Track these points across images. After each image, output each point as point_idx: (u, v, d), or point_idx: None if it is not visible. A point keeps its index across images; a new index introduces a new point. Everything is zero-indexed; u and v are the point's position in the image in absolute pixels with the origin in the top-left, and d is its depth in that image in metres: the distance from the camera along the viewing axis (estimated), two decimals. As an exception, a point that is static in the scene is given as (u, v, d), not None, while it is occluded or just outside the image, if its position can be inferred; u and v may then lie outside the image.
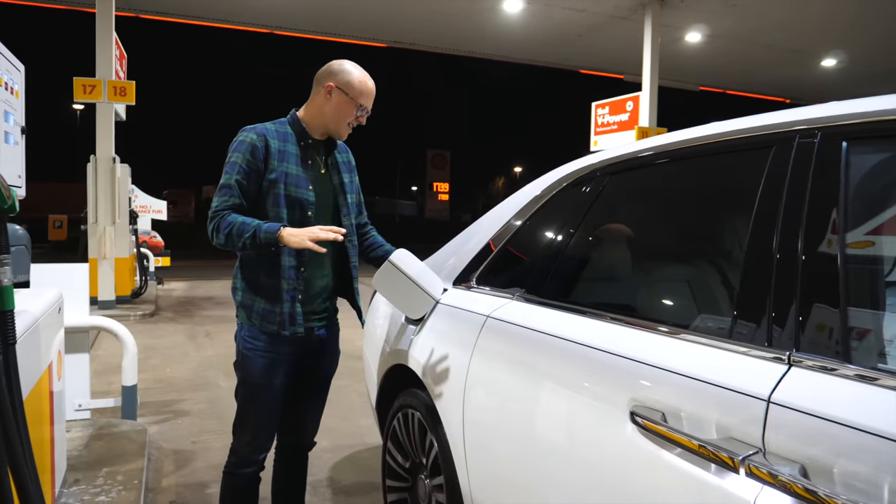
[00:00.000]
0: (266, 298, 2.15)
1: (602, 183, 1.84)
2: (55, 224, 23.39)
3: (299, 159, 2.18)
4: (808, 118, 1.27)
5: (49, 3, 12.70)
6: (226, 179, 2.10)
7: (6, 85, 1.88)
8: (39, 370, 2.26)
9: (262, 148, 2.11)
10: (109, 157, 9.12)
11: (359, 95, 2.18)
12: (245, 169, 2.09)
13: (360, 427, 4.24)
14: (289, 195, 2.13)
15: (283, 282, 2.12)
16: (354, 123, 2.23)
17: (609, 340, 1.46)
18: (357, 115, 2.20)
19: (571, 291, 1.83)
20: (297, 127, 2.21)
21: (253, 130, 2.14)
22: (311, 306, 2.21)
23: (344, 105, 2.17)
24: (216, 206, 2.09)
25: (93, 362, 5.90)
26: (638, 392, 1.29)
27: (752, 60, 16.53)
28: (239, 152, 2.11)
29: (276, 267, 2.12)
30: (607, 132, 13.63)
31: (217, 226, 2.06)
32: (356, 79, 2.19)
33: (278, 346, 2.18)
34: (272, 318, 2.14)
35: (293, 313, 2.15)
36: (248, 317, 2.18)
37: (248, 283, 2.18)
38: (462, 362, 1.96)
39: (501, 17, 13.62)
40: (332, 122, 2.20)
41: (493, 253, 2.24)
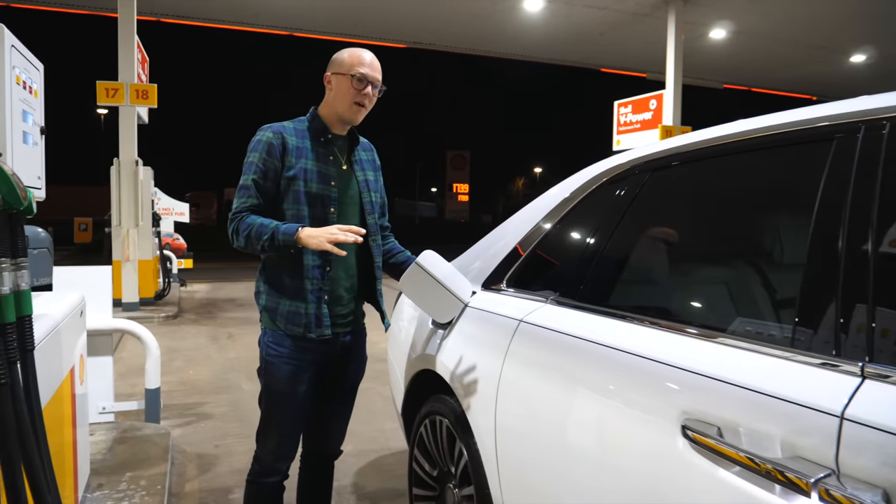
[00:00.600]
0: (291, 300, 2.08)
1: (642, 180, 1.75)
2: (81, 227, 23.77)
3: (320, 155, 2.12)
4: (875, 108, 1.17)
5: (71, 9, 12.84)
6: (244, 180, 2.05)
7: (24, 84, 1.84)
8: (61, 375, 2.23)
9: (279, 145, 2.05)
10: (132, 160, 9.17)
11: (351, 67, 2.08)
12: (262, 168, 2.04)
13: (385, 431, 4.17)
14: (309, 192, 2.06)
15: (308, 282, 2.06)
16: (363, 101, 2.10)
17: (656, 348, 1.37)
18: (358, 88, 2.08)
19: (610, 295, 1.74)
20: (317, 123, 2.15)
21: (269, 129, 2.10)
22: (336, 309, 2.14)
23: (342, 85, 2.09)
24: (235, 207, 2.04)
25: (117, 364, 5.92)
26: (690, 404, 1.20)
27: (776, 57, 16.26)
28: (256, 152, 2.06)
29: (300, 267, 2.05)
30: (630, 131, 13.46)
31: (236, 228, 2.01)
32: (346, 54, 2.12)
33: (303, 353, 2.11)
34: (298, 320, 2.07)
35: (319, 314, 2.07)
36: (272, 320, 2.12)
37: (271, 286, 2.12)
38: (493, 368, 1.88)
39: (522, 17, 13.51)
40: (340, 108, 2.11)
41: (523, 255, 2.15)
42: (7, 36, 1.67)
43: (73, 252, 23.64)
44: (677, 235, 1.69)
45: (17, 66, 1.76)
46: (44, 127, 2.04)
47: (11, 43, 1.72)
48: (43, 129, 2.04)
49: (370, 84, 2.09)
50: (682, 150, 1.64)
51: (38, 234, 2.82)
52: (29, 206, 1.41)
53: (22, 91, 1.82)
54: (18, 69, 1.78)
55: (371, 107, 2.15)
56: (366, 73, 2.08)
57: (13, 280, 1.44)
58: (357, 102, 2.09)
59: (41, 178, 2.05)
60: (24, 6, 12.96)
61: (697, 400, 1.19)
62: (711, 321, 1.38)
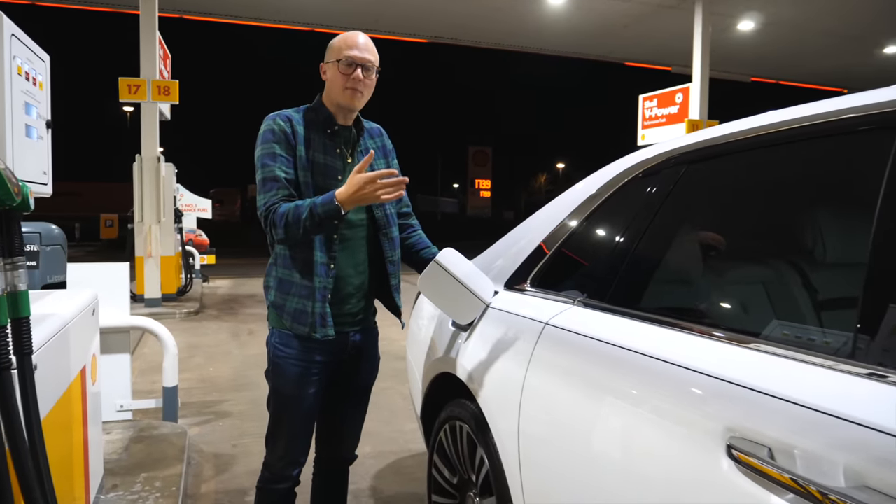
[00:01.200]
0: (299, 297, 1.98)
1: (677, 173, 1.63)
2: (107, 223, 24.10)
3: (326, 147, 2.02)
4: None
5: (95, 6, 12.94)
6: (267, 172, 1.93)
7: (27, 75, 1.76)
8: (70, 375, 2.16)
9: (291, 133, 1.97)
10: (154, 156, 9.19)
11: (339, 52, 1.97)
12: (284, 157, 1.94)
13: (405, 432, 4.08)
14: (317, 186, 1.96)
15: (317, 279, 1.96)
16: (356, 86, 1.97)
17: (696, 357, 1.25)
18: (346, 73, 1.96)
19: (643, 297, 1.62)
20: (323, 113, 2.04)
21: (278, 116, 2.00)
22: (342, 308, 2.03)
23: (333, 71, 1.99)
24: (265, 202, 1.92)
25: (138, 360, 5.92)
26: (736, 421, 1.08)
27: (807, 49, 15.88)
28: (272, 141, 1.96)
29: (310, 263, 1.96)
30: (655, 125, 13.22)
31: (273, 221, 1.89)
32: (336, 40, 2.02)
33: (311, 354, 2.02)
34: (304, 319, 1.97)
35: (324, 314, 1.97)
36: (279, 318, 2.04)
37: (281, 282, 2.02)
38: (517, 374, 1.77)
39: (545, 10, 13.33)
40: (335, 95, 2.00)
41: (548, 254, 2.04)
42: (6, 24, 1.59)
43: (100, 248, 24.02)
44: (723, 242, 1.56)
45: (18, 55, 1.69)
46: (50, 120, 1.97)
47: (12, 32, 1.64)
48: (49, 123, 1.96)
49: (360, 66, 1.97)
50: (723, 140, 1.51)
51: (51, 230, 2.77)
52: (24, 203, 1.33)
53: (24, 82, 1.74)
54: (20, 59, 1.70)
55: (369, 91, 2.03)
56: (353, 55, 1.96)
57: (8, 280, 1.36)
58: (349, 87, 1.97)
59: (47, 173, 1.98)
60: (50, 4, 13.09)
61: (745, 416, 1.08)
62: (758, 328, 1.26)
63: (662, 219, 1.62)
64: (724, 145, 1.51)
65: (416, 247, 2.24)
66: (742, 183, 1.51)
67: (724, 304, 1.47)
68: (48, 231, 2.66)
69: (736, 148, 1.48)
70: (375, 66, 2.01)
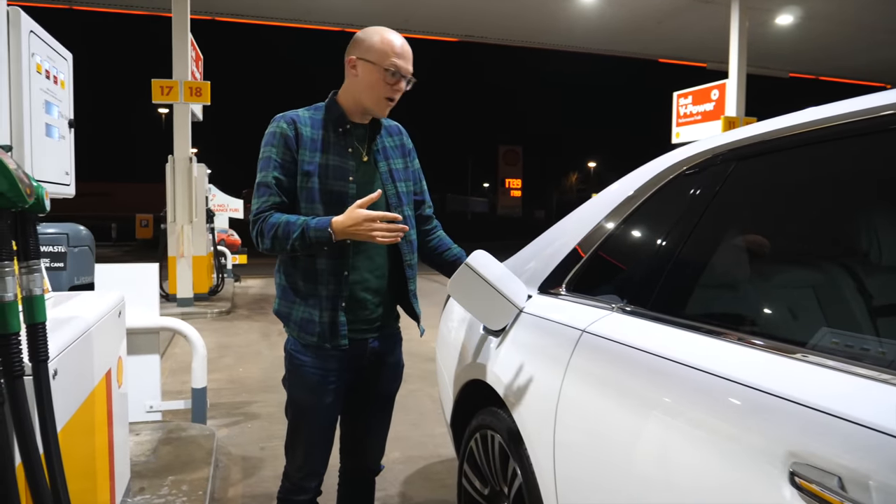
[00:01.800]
0: (304, 305, 1.90)
1: (726, 170, 1.51)
2: (142, 223, 24.56)
3: (337, 147, 1.91)
4: None
5: (128, 9, 13.14)
6: (262, 177, 1.87)
7: (48, 73, 1.72)
8: (94, 379, 2.13)
9: (294, 136, 1.87)
10: (186, 156, 9.27)
11: (384, 58, 1.84)
12: (280, 163, 1.86)
13: (434, 436, 4.00)
14: (324, 189, 1.86)
15: (322, 287, 1.87)
16: (392, 95, 1.89)
17: (754, 372, 1.14)
18: (391, 83, 1.86)
19: (690, 304, 1.51)
20: (335, 111, 1.93)
21: (282, 118, 1.91)
22: (359, 314, 1.94)
23: (371, 75, 1.86)
24: (256, 207, 1.86)
25: (169, 360, 5.95)
26: (802, 446, 0.98)
27: (848, 43, 15.43)
28: (271, 145, 1.88)
29: (313, 271, 1.87)
30: (690, 123, 12.95)
31: (260, 230, 1.82)
32: (377, 38, 1.86)
33: (327, 362, 1.93)
34: (311, 328, 1.89)
35: (335, 322, 1.88)
36: (286, 327, 1.97)
37: (284, 289, 1.95)
38: (552, 383, 1.67)
39: (576, 6, 13.15)
40: (367, 101, 1.90)
41: (584, 257, 1.94)
42: (25, 20, 1.55)
43: (135, 248, 24.47)
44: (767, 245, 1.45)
45: (37, 53, 1.65)
46: (73, 119, 1.93)
47: (31, 28, 1.60)
48: (72, 122, 1.93)
49: (403, 78, 1.88)
50: (779, 135, 1.40)
51: (79, 231, 2.75)
52: (38, 204, 1.28)
53: (45, 80, 1.70)
54: (40, 57, 1.66)
55: (397, 99, 1.94)
56: (400, 65, 1.86)
57: (24, 285, 1.32)
58: (387, 98, 1.89)
59: (69, 173, 1.94)
60: (86, 8, 13.34)
61: (811, 440, 0.97)
62: (824, 342, 1.14)
63: (710, 220, 1.51)
64: (780, 140, 1.39)
65: (438, 248, 2.15)
66: (798, 180, 1.39)
67: (777, 311, 1.35)
68: (76, 232, 2.64)
69: (792, 143, 1.36)
70: (411, 75, 1.92)
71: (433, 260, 2.15)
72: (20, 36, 1.54)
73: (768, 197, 1.46)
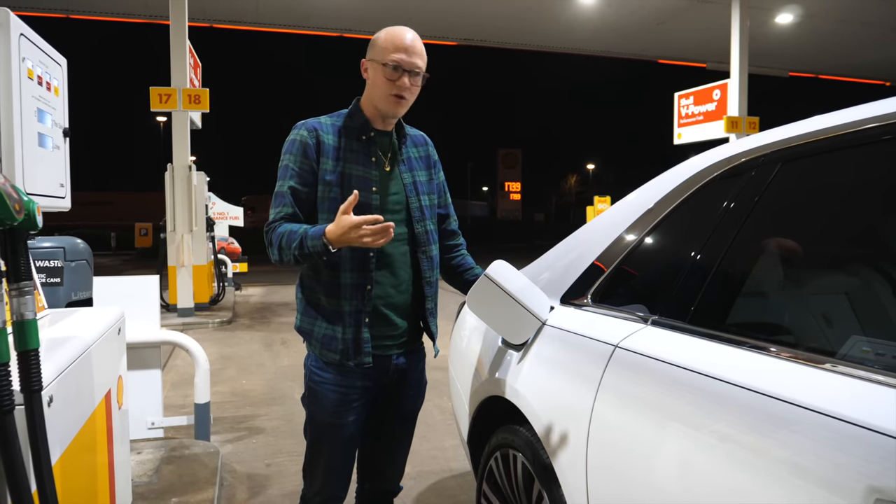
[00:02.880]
0: (326, 322, 1.83)
1: (768, 173, 1.41)
2: (141, 232, 24.56)
3: (359, 156, 1.84)
4: None
5: (126, 18, 13.06)
6: (278, 187, 1.82)
7: (40, 79, 1.61)
8: (93, 402, 2.02)
9: (314, 145, 1.80)
10: (185, 164, 9.16)
11: (385, 54, 1.78)
12: (298, 172, 1.79)
13: (445, 449, 3.89)
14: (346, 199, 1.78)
15: (346, 302, 1.80)
16: (401, 93, 1.80)
17: (826, 395, 1.03)
18: (392, 78, 1.77)
19: (737, 319, 1.40)
20: (359, 119, 1.87)
21: (304, 126, 1.84)
22: (385, 329, 1.87)
23: (377, 74, 1.80)
24: (270, 218, 1.80)
25: (170, 373, 5.84)
26: (884, 480, 0.87)
27: (849, 41, 15.38)
28: (290, 154, 1.82)
29: (336, 285, 1.80)
30: (692, 123, 12.89)
31: (270, 240, 1.77)
32: (382, 36, 1.82)
33: (350, 379, 1.86)
34: (333, 345, 1.82)
35: (358, 339, 1.81)
36: (308, 343, 1.89)
37: (306, 305, 1.88)
38: (583, 402, 1.56)
39: (576, 8, 13.08)
40: (377, 101, 1.83)
41: (611, 265, 1.83)
42: (15, 22, 1.44)
43: (134, 256, 24.39)
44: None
45: (28, 58, 1.54)
46: (68, 128, 1.83)
47: (21, 31, 1.49)
48: (67, 131, 1.82)
49: (407, 73, 1.79)
50: (830, 133, 1.29)
51: (76, 245, 2.64)
52: (29, 220, 1.18)
53: (37, 87, 1.60)
54: (32, 62, 1.56)
55: (413, 97, 1.86)
56: (401, 59, 1.77)
57: (14, 309, 1.21)
58: (393, 94, 1.80)
59: (64, 185, 1.83)
60: (84, 17, 13.25)
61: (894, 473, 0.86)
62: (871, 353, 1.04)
63: (753, 227, 1.40)
64: (833, 139, 1.28)
65: (460, 268, 2.07)
66: (857, 183, 1.29)
67: (844, 327, 1.24)
68: (73, 245, 2.53)
69: (847, 142, 1.26)
70: (423, 70, 1.83)
71: (454, 279, 2.07)
72: (9, 39, 1.43)
73: (820, 201, 1.36)
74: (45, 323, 2.20)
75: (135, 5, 12.50)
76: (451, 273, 2.07)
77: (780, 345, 1.23)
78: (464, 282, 2.04)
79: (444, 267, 2.06)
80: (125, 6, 12.65)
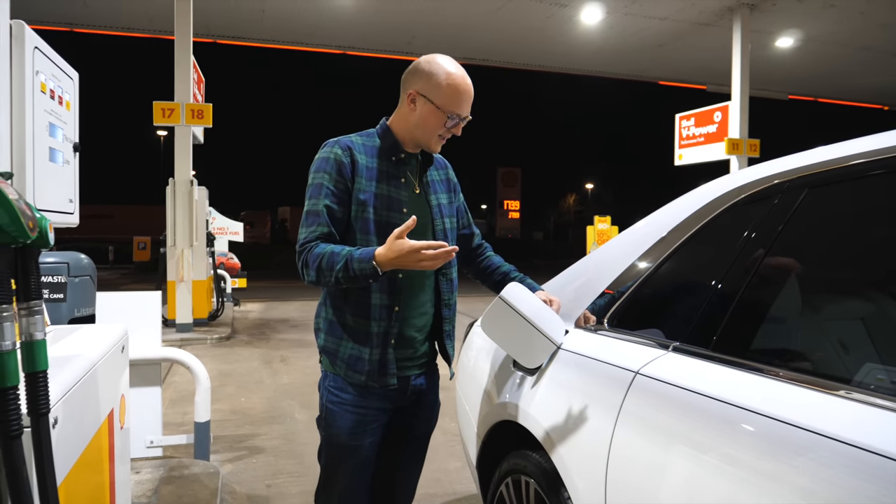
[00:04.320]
0: (353, 342, 1.80)
1: (794, 199, 1.38)
2: (139, 245, 24.55)
3: (391, 177, 1.83)
4: None
5: (130, 33, 13.12)
6: (312, 205, 1.76)
7: (52, 93, 1.59)
8: (97, 422, 1.97)
9: (349, 164, 1.77)
10: (187, 179, 9.14)
11: (448, 104, 1.78)
12: (333, 190, 1.75)
13: (448, 472, 3.83)
14: (379, 220, 1.78)
15: (374, 323, 1.78)
16: (448, 135, 1.86)
17: (842, 423, 1.00)
18: (448, 126, 1.82)
19: (763, 346, 1.37)
20: (389, 139, 1.86)
21: (336, 144, 1.81)
22: (407, 351, 1.85)
23: (431, 116, 1.79)
24: (303, 237, 1.74)
25: (168, 389, 5.77)
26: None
27: (848, 65, 15.48)
28: (324, 171, 1.77)
29: (365, 305, 1.78)
30: (693, 145, 12.92)
31: (305, 261, 1.71)
32: (444, 83, 1.77)
33: (369, 401, 1.83)
34: (359, 366, 1.79)
35: (384, 360, 1.79)
36: (331, 363, 1.85)
37: (331, 325, 1.84)
38: (603, 430, 1.52)
39: (578, 29, 13.16)
40: (419, 135, 1.84)
41: (628, 290, 1.80)
42: (30, 35, 1.43)
43: (132, 270, 24.29)
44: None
45: (42, 71, 1.52)
46: (78, 143, 1.80)
47: (35, 44, 1.47)
48: (77, 146, 1.79)
49: (463, 121, 1.84)
50: (860, 159, 1.27)
51: (80, 260, 2.61)
52: (42, 238, 1.14)
53: (49, 101, 1.57)
54: (45, 76, 1.53)
55: None
56: (462, 112, 1.81)
57: (23, 328, 1.17)
58: (442, 137, 1.85)
59: (73, 201, 1.80)
60: (88, 31, 13.31)
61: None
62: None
63: (778, 253, 1.37)
64: (862, 165, 1.26)
65: (490, 268, 2.09)
66: (884, 210, 1.26)
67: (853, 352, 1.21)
68: (77, 261, 2.50)
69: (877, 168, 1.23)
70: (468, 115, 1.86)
71: (486, 280, 2.10)
72: (24, 52, 1.41)
73: (852, 228, 1.33)
74: (48, 340, 2.16)
75: (139, 20, 12.56)
76: (482, 273, 2.10)
77: (800, 371, 1.20)
78: (496, 281, 2.06)
79: (477, 272, 2.11)
80: (130, 21, 12.70)
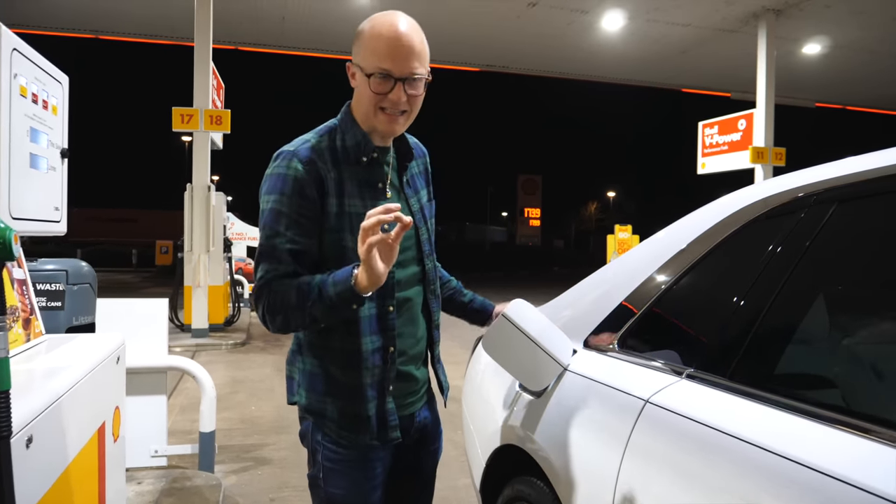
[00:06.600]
0: (342, 399, 1.47)
1: (822, 214, 1.27)
2: (162, 249, 24.89)
3: (365, 188, 1.46)
4: None
5: (153, 39, 13.26)
6: (267, 238, 1.40)
7: (35, 97, 1.52)
8: (83, 438, 1.90)
9: (313, 181, 1.39)
10: (204, 185, 9.16)
11: (372, 59, 1.35)
12: (296, 219, 1.38)
13: (458, 489, 3.72)
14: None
15: (366, 373, 1.45)
16: (393, 107, 1.40)
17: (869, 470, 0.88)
18: (379, 91, 1.37)
19: (784, 377, 1.25)
20: (355, 133, 1.45)
21: (294, 157, 1.40)
22: (405, 388, 1.57)
23: (362, 85, 1.39)
24: (260, 276, 1.39)
25: (179, 396, 5.73)
26: None
27: (877, 72, 15.17)
28: (280, 194, 1.39)
29: (355, 352, 1.44)
30: (716, 153, 12.72)
31: (267, 304, 1.36)
32: (365, 35, 1.37)
33: (371, 451, 1.52)
34: (354, 426, 1.48)
35: (383, 413, 1.49)
36: (318, 424, 1.52)
37: (311, 378, 1.50)
38: (609, 460, 1.41)
39: (600, 36, 13.04)
40: (367, 116, 1.43)
41: (639, 311, 1.68)
42: (7, 36, 1.35)
43: (154, 274, 24.60)
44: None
45: (21, 73, 1.45)
46: (66, 149, 1.73)
47: (14, 46, 1.40)
48: (65, 152, 1.72)
49: (402, 81, 1.37)
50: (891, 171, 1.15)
51: (79, 268, 2.55)
52: (4, 250, 1.07)
53: (31, 105, 1.50)
54: (25, 78, 1.47)
55: (416, 108, 1.45)
56: (389, 69, 1.35)
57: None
58: (381, 108, 1.40)
59: (59, 208, 1.73)
60: (112, 38, 13.47)
61: None
62: None
63: (805, 273, 1.26)
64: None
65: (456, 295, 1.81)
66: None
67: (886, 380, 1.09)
68: (76, 268, 2.44)
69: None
70: (424, 75, 1.40)
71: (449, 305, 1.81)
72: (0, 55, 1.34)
73: (881, 246, 1.21)
74: (41, 350, 2.09)
75: (162, 28, 12.70)
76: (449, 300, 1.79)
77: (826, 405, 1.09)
78: (472, 310, 1.79)
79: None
80: (153, 28, 12.85)
